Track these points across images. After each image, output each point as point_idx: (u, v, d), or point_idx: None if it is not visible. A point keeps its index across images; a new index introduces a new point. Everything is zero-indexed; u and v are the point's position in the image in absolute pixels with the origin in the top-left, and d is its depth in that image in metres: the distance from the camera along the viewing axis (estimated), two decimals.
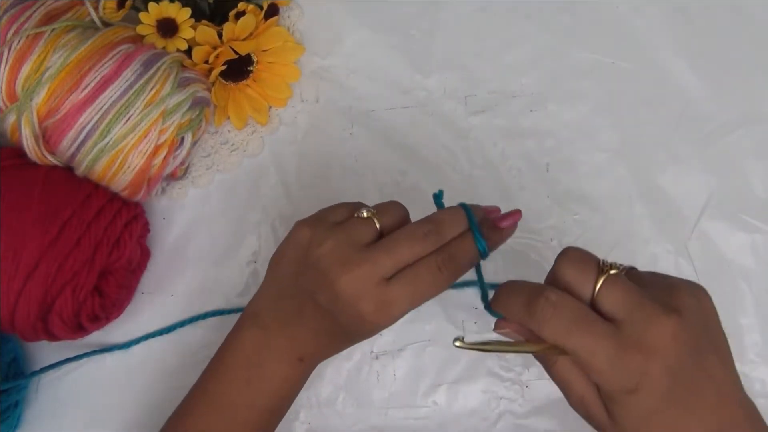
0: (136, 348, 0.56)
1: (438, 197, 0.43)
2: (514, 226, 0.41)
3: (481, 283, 0.41)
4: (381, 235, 0.41)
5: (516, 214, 0.41)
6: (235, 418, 0.42)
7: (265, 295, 0.44)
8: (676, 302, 0.35)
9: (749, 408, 0.36)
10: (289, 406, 0.45)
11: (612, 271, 0.35)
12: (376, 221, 0.41)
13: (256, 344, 0.42)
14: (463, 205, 0.41)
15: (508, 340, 0.39)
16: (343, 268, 0.39)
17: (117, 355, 0.55)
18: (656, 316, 0.34)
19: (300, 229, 0.42)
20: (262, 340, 0.42)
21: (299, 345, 0.42)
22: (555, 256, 0.54)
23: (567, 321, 0.35)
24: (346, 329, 0.41)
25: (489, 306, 0.39)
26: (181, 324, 0.55)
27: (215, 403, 0.43)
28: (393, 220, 0.41)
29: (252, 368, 0.42)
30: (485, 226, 0.40)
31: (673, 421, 0.35)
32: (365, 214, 0.41)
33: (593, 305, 0.35)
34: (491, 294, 0.39)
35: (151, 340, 0.55)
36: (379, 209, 0.42)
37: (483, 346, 0.38)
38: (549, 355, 0.38)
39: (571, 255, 0.37)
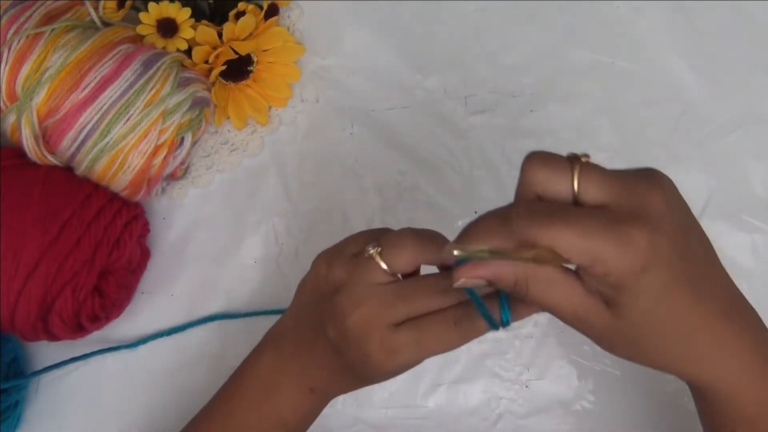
0: (135, 348, 0.56)
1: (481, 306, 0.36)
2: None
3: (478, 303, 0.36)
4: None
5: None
6: None
7: (287, 320, 0.43)
8: (652, 177, 0.34)
9: (740, 293, 0.36)
10: None
11: (584, 159, 0.33)
12: (380, 262, 0.37)
13: (272, 369, 0.42)
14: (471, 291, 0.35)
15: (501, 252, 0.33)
16: (355, 306, 0.37)
17: (117, 355, 0.55)
18: (644, 188, 0.32)
19: (319, 261, 0.40)
20: (277, 366, 0.42)
21: (310, 376, 0.41)
22: None
23: (549, 215, 0.31)
24: (353, 369, 0.39)
25: (485, 311, 0.36)
26: (191, 324, 0.55)
27: (227, 422, 0.43)
28: (399, 259, 0.37)
29: (265, 392, 0.42)
30: (513, 297, 0.36)
31: (682, 303, 0.33)
32: (370, 251, 0.37)
33: (575, 203, 0.32)
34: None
35: (151, 341, 0.55)
36: (386, 244, 0.37)
37: (479, 252, 0.32)
38: (519, 287, 0.33)
39: (535, 157, 0.33)
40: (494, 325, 0.36)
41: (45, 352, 0.55)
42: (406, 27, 0.59)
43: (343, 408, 0.54)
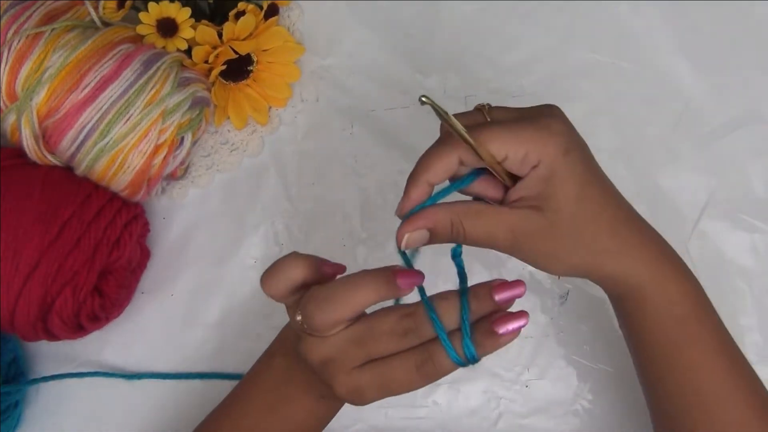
0: (136, 348, 0.56)
1: (456, 253, 0.38)
2: (514, 334, 0.35)
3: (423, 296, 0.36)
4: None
5: (521, 317, 0.35)
6: None
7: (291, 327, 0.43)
8: (549, 105, 0.39)
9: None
10: None
11: (486, 105, 0.39)
12: (309, 331, 0.36)
13: (284, 374, 0.42)
14: (462, 293, 0.36)
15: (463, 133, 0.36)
16: (313, 353, 0.36)
17: (117, 354, 0.55)
18: (542, 106, 0.39)
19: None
20: (288, 372, 0.41)
21: (317, 386, 0.40)
22: None
23: (490, 126, 0.37)
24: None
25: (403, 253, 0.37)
26: (187, 376, 0.55)
27: (239, 423, 0.43)
28: (321, 329, 0.36)
29: (278, 396, 0.42)
30: (480, 330, 0.35)
31: (603, 192, 0.39)
32: (297, 319, 0.36)
33: None
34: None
35: (151, 340, 0.55)
36: (303, 314, 0.36)
37: (445, 115, 0.35)
38: (457, 233, 0.37)
39: (451, 115, 0.37)
40: (459, 362, 0.35)
41: (45, 352, 0.55)
42: (406, 27, 0.59)
43: (343, 408, 0.54)
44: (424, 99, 0.34)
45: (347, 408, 0.53)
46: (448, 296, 0.36)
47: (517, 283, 0.35)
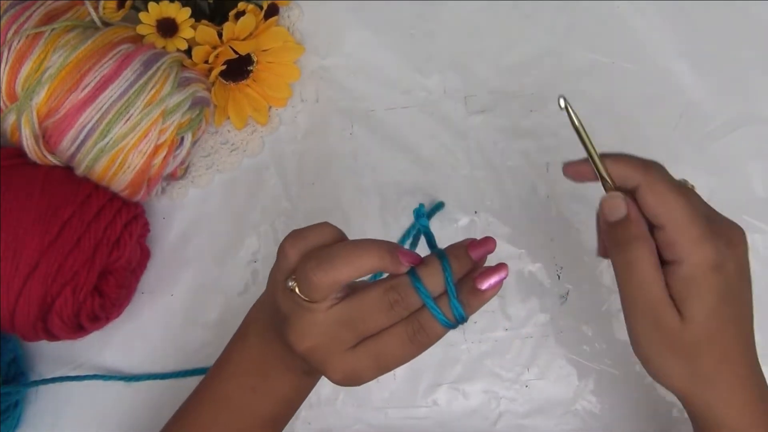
0: (136, 348, 0.56)
1: (419, 213, 0.37)
2: (497, 288, 0.35)
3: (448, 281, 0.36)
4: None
5: (501, 270, 0.35)
6: (239, 423, 0.42)
7: (265, 304, 0.42)
8: (740, 228, 0.40)
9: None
10: (292, 414, 0.44)
11: (690, 185, 0.39)
12: (303, 297, 0.35)
13: (263, 353, 0.41)
14: (440, 256, 0.36)
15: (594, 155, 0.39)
16: (302, 340, 0.36)
17: (117, 354, 0.55)
18: (733, 223, 0.39)
19: (281, 255, 0.38)
20: (267, 350, 0.41)
21: (300, 361, 0.39)
22: (554, 256, 0.55)
23: (674, 182, 0.38)
24: None
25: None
26: (184, 374, 0.55)
27: (220, 405, 0.43)
28: (318, 292, 0.35)
29: (259, 376, 0.41)
30: (464, 290, 0.35)
31: (734, 317, 0.37)
32: (290, 285, 0.36)
33: None
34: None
35: (151, 340, 0.55)
36: (300, 277, 0.35)
37: (583, 130, 0.38)
38: (632, 244, 0.37)
39: (657, 164, 0.39)
40: (449, 324, 0.35)
41: (45, 352, 0.55)
42: (406, 27, 0.59)
43: (343, 408, 0.54)
44: (562, 103, 0.36)
45: (347, 408, 0.54)
46: (428, 262, 0.36)
47: (488, 239, 0.36)
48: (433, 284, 0.35)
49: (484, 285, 0.35)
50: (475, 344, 0.54)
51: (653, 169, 0.37)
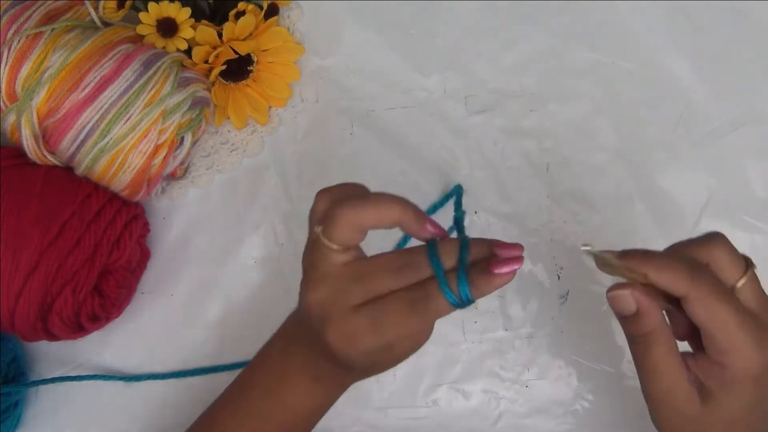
0: (136, 348, 0.56)
1: (457, 194, 0.38)
2: (510, 276, 0.35)
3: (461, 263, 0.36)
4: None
5: (516, 261, 0.35)
6: (253, 428, 0.42)
7: (297, 307, 0.42)
8: None
9: None
10: (312, 425, 0.43)
11: (754, 269, 0.36)
12: (328, 243, 0.36)
13: (280, 357, 0.42)
14: (463, 239, 0.36)
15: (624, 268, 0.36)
16: (311, 292, 0.36)
17: (117, 354, 0.55)
18: None
19: (312, 209, 0.39)
20: (284, 354, 0.41)
21: (312, 364, 0.40)
22: (555, 257, 0.55)
23: (726, 291, 0.35)
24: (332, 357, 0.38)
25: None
26: (185, 374, 0.55)
27: (238, 409, 0.43)
28: (344, 235, 0.36)
29: (275, 381, 0.41)
30: (476, 269, 0.35)
31: (759, 425, 0.36)
32: (317, 231, 0.37)
33: None
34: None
35: (151, 340, 0.55)
36: (329, 222, 0.36)
37: (608, 259, 0.35)
38: (646, 337, 0.36)
39: (723, 241, 0.37)
40: (453, 300, 0.35)
41: (45, 352, 0.55)
42: (406, 27, 0.59)
43: (343, 408, 0.53)
44: (586, 248, 0.34)
45: (347, 408, 0.54)
46: (448, 240, 0.36)
47: (516, 246, 0.36)
48: (448, 258, 0.35)
49: (497, 270, 0.35)
50: (475, 344, 0.54)
51: (701, 277, 0.35)
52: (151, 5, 0.52)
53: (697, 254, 0.36)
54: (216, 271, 0.56)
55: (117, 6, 0.53)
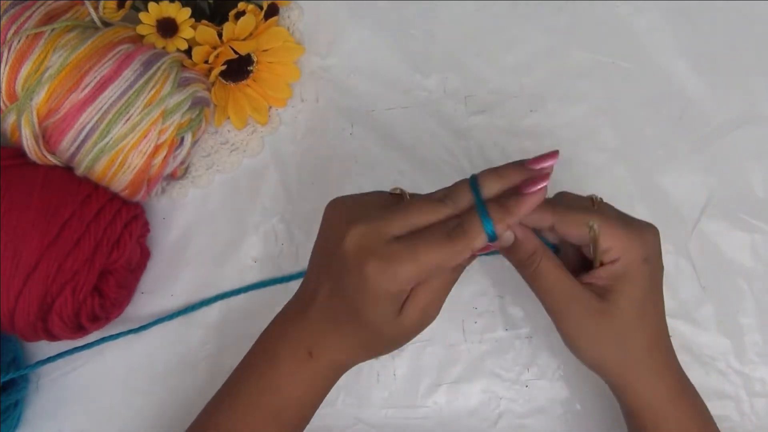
0: (136, 347, 0.55)
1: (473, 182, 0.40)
2: (539, 194, 0.38)
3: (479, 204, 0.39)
4: None
5: (543, 177, 0.38)
6: (250, 422, 0.42)
7: (300, 286, 0.44)
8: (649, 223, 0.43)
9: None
10: (307, 417, 0.44)
11: (600, 198, 0.43)
12: (405, 195, 0.41)
13: (276, 336, 0.42)
14: (472, 181, 0.40)
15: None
16: (353, 223, 0.38)
17: (117, 354, 0.55)
18: (647, 223, 0.42)
19: (327, 204, 0.42)
20: (280, 332, 0.42)
21: (309, 335, 0.41)
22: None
23: (583, 208, 0.41)
24: (353, 306, 0.38)
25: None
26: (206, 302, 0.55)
27: (235, 396, 0.43)
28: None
29: (268, 361, 0.42)
30: (506, 196, 0.39)
31: (655, 309, 0.42)
32: (397, 191, 0.41)
33: None
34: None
35: (151, 340, 0.55)
36: (412, 194, 0.42)
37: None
38: (531, 258, 0.41)
39: (565, 192, 0.43)
40: (490, 232, 0.37)
41: (45, 352, 0.55)
42: (406, 27, 0.59)
43: (343, 408, 0.54)
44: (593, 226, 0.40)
45: (347, 408, 0.54)
46: (488, 172, 0.40)
47: (550, 154, 0.40)
48: (488, 189, 0.39)
49: (528, 189, 0.38)
50: (475, 344, 0.54)
51: (559, 205, 0.41)
52: (151, 5, 0.52)
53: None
54: (216, 271, 0.56)
55: (117, 6, 0.53)
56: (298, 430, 0.44)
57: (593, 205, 0.42)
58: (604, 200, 0.43)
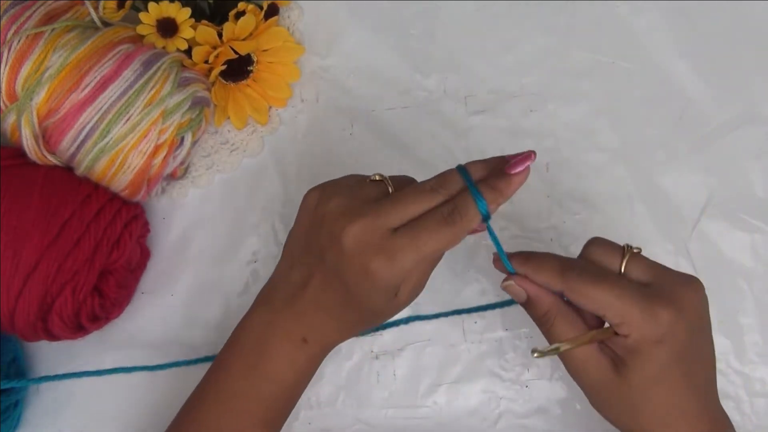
0: (135, 350, 0.55)
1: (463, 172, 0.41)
2: (525, 173, 0.39)
3: (492, 235, 0.41)
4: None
5: (526, 158, 0.39)
6: (240, 409, 0.42)
7: (277, 272, 0.44)
8: (693, 280, 0.40)
9: (722, 411, 0.42)
10: (295, 399, 0.44)
11: (635, 250, 0.40)
12: (388, 183, 0.41)
13: (264, 325, 0.42)
14: (460, 168, 0.41)
15: (573, 340, 0.40)
16: (349, 219, 0.38)
17: (117, 356, 0.55)
18: (684, 282, 0.39)
19: (309, 193, 0.42)
20: (268, 321, 0.42)
21: (303, 323, 0.41)
22: None
23: (598, 276, 0.39)
24: (353, 295, 0.39)
25: (506, 259, 0.41)
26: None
27: (222, 392, 0.43)
28: (403, 184, 0.41)
29: (258, 351, 0.42)
30: (494, 175, 0.40)
31: (677, 384, 0.39)
32: (377, 178, 0.41)
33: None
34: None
35: (151, 339, 0.55)
36: (392, 177, 0.42)
37: (555, 350, 0.40)
38: (545, 317, 0.41)
39: (597, 240, 0.41)
40: (484, 212, 0.38)
41: (45, 352, 0.55)
42: (406, 27, 0.59)
43: (343, 408, 0.54)
44: (536, 355, 0.39)
45: (347, 408, 0.54)
46: (473, 162, 0.41)
47: (526, 153, 0.40)
48: (475, 174, 0.40)
49: (513, 170, 0.39)
50: (475, 344, 0.54)
51: (570, 271, 0.39)
52: (151, 5, 0.52)
53: (580, 256, 0.41)
54: (216, 271, 0.56)
55: (117, 6, 0.53)
56: (290, 409, 0.45)
57: (623, 255, 0.40)
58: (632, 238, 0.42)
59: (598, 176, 0.56)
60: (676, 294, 0.38)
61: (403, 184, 0.41)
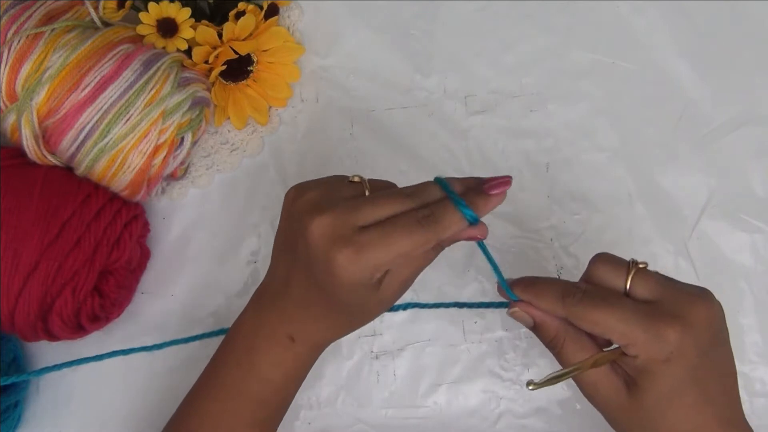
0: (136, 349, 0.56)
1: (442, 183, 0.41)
2: (502, 195, 0.39)
3: (492, 263, 0.41)
4: None
5: (505, 183, 0.38)
6: (231, 408, 0.42)
7: (266, 277, 0.44)
8: (703, 293, 0.39)
9: (745, 424, 0.41)
10: (286, 400, 0.44)
11: (641, 265, 0.39)
12: (365, 185, 0.40)
13: (252, 324, 0.42)
14: (439, 179, 0.41)
15: (568, 370, 0.40)
16: (319, 212, 0.37)
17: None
18: (693, 296, 0.38)
19: (288, 191, 0.41)
20: (256, 320, 0.42)
21: (288, 321, 0.41)
22: (555, 256, 0.55)
23: (599, 300, 0.38)
24: (323, 290, 0.39)
25: (507, 288, 0.41)
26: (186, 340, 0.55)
27: (213, 390, 0.43)
28: (381, 188, 0.40)
29: (246, 349, 0.42)
30: (473, 192, 0.39)
31: (693, 401, 0.38)
32: (356, 179, 0.40)
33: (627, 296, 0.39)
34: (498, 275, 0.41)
35: (151, 341, 0.55)
36: (371, 180, 0.41)
37: (555, 379, 0.39)
38: (554, 342, 0.40)
39: (601, 256, 0.40)
40: (470, 216, 0.38)
41: (45, 352, 0.55)
42: (406, 27, 0.59)
43: (343, 408, 0.54)
44: (531, 388, 0.40)
45: (347, 408, 0.54)
46: (451, 178, 0.40)
47: (503, 178, 0.39)
48: (453, 186, 0.39)
49: (492, 191, 0.38)
50: (475, 344, 0.54)
51: (570, 297, 0.38)
52: (151, 5, 0.52)
53: (586, 277, 0.40)
54: (216, 271, 0.56)
55: (117, 6, 0.53)
56: (281, 410, 0.45)
57: (628, 272, 0.39)
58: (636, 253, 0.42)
59: (598, 176, 0.56)
60: (684, 310, 0.37)
61: (381, 187, 0.40)
